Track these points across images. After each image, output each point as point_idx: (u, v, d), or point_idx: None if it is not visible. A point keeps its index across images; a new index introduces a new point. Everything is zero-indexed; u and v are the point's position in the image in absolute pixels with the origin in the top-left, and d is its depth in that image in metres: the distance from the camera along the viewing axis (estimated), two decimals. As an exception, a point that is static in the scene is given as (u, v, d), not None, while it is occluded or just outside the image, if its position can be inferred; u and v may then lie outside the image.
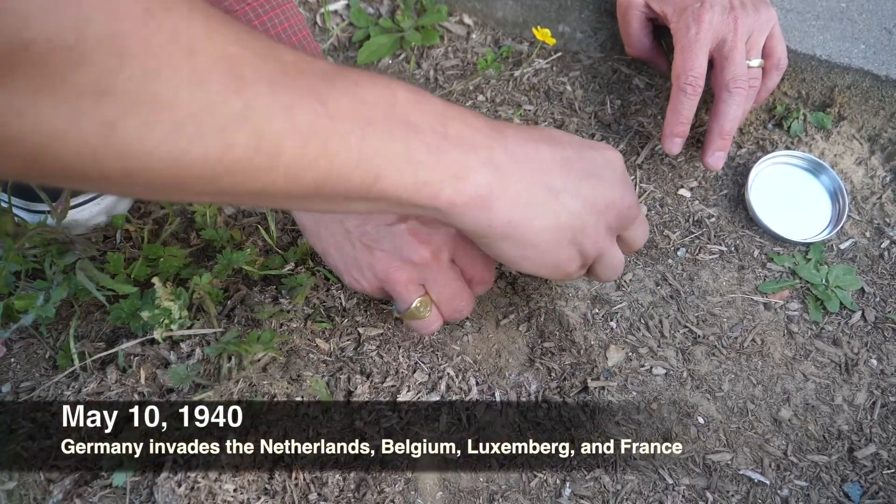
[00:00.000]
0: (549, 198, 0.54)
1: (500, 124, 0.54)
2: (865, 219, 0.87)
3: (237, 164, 0.40)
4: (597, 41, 0.99)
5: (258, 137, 0.40)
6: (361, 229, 0.66)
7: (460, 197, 0.49)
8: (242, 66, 0.40)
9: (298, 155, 0.42)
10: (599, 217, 0.58)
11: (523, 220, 0.53)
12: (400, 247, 0.65)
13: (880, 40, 0.89)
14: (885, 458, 0.72)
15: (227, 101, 0.39)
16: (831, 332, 0.79)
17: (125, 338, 0.77)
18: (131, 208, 0.86)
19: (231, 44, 0.39)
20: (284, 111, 0.40)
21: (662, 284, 0.82)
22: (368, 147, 0.44)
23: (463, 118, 0.51)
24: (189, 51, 0.37)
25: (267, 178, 0.42)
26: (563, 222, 0.55)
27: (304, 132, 0.41)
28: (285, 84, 0.41)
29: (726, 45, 0.79)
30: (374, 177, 0.45)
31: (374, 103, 0.45)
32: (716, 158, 0.84)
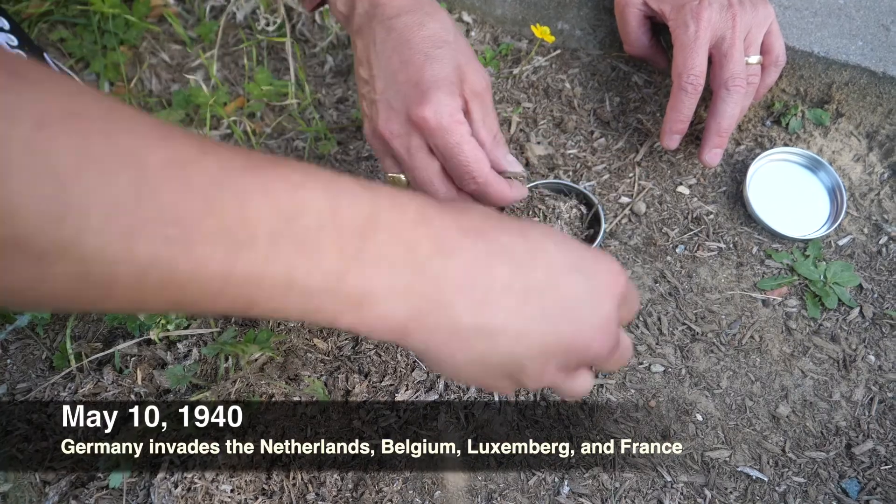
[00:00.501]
0: (479, 337, 0.45)
1: (466, 226, 0.45)
2: (863, 215, 0.86)
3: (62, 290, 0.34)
4: (596, 38, 0.99)
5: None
6: (362, 88, 0.68)
7: (363, 325, 0.42)
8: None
9: (134, 286, 0.35)
10: (549, 359, 0.48)
11: (441, 352, 0.45)
12: (375, 119, 0.66)
13: (878, 37, 0.89)
14: (883, 454, 0.72)
15: None
16: (829, 328, 0.79)
17: (122, 338, 0.77)
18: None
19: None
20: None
21: (661, 281, 0.82)
22: (236, 274, 0.37)
23: (396, 230, 0.42)
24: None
25: (108, 300, 0.37)
26: (493, 362, 0.46)
27: (145, 261, 0.34)
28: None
29: (725, 42, 0.79)
30: (245, 303, 0.39)
31: (258, 220, 0.37)
32: (713, 155, 0.84)
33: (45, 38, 1.01)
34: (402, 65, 0.64)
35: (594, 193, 0.87)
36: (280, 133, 0.94)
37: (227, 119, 0.92)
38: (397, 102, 0.64)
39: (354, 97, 0.97)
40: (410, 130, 0.65)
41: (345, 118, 0.95)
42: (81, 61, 1.00)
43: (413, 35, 0.65)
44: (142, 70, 0.99)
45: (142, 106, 0.96)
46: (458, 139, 0.64)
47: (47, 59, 0.88)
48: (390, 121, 0.65)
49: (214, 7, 1.07)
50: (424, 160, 0.66)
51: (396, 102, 0.65)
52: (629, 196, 0.87)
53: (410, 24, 0.66)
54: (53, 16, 1.02)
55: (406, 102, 0.64)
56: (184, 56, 1.02)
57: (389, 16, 0.66)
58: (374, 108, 0.66)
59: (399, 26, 0.65)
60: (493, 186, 0.67)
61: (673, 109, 0.82)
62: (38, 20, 1.02)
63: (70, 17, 1.02)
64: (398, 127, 0.65)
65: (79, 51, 0.99)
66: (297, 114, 0.95)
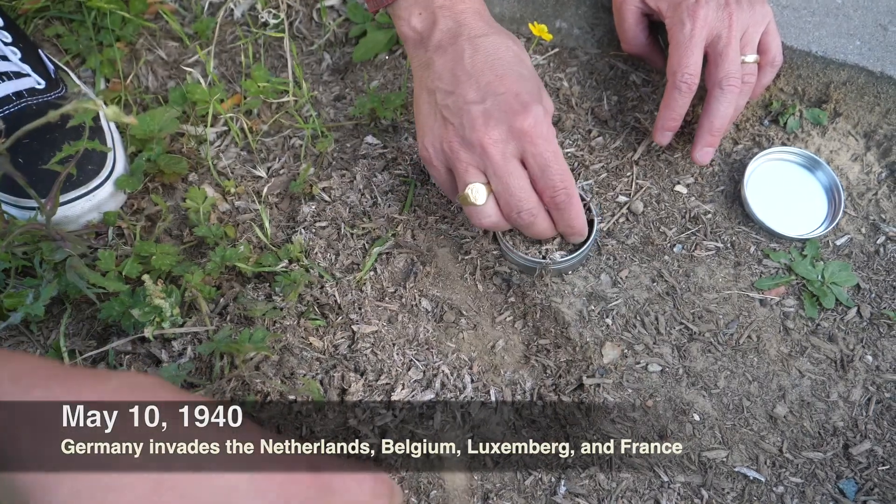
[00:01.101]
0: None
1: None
2: (861, 215, 0.86)
3: None
4: (594, 37, 0.99)
5: None
6: (444, 99, 0.70)
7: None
8: None
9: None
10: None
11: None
12: (467, 126, 0.68)
13: (875, 36, 0.89)
14: (881, 455, 0.72)
15: None
16: (827, 328, 0.79)
17: (116, 335, 0.76)
18: (124, 204, 0.86)
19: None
20: None
21: (658, 281, 0.81)
22: None
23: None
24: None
25: None
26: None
27: None
28: None
29: (721, 41, 0.79)
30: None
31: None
32: (704, 154, 0.84)
33: (41, 34, 1.01)
34: (497, 78, 0.69)
35: (591, 192, 0.87)
36: (277, 130, 0.94)
37: (223, 116, 0.92)
38: (497, 111, 0.68)
39: (351, 95, 0.97)
40: (509, 138, 0.68)
41: (342, 116, 0.95)
42: (77, 57, 0.99)
43: (502, 54, 0.71)
44: (138, 67, 0.98)
45: (138, 103, 0.96)
46: (556, 149, 0.69)
47: (42, 54, 0.88)
48: (490, 127, 0.67)
49: (212, 3, 1.06)
50: (518, 168, 0.69)
51: (496, 111, 0.68)
52: (627, 195, 0.87)
53: (498, 44, 0.72)
54: (49, 11, 1.02)
55: (507, 111, 0.68)
56: (180, 53, 1.01)
57: (476, 35, 0.72)
58: (464, 116, 0.69)
59: (487, 45, 0.71)
60: (576, 200, 0.72)
61: (666, 107, 0.82)
62: (34, 16, 1.01)
63: (66, 13, 1.01)
64: (498, 133, 0.68)
65: (75, 47, 0.98)
66: (295, 111, 0.94)
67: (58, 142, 0.79)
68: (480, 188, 0.70)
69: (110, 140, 0.85)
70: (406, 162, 0.88)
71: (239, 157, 0.91)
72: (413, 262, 0.82)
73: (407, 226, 0.84)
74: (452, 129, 0.69)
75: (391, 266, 0.81)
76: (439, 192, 0.86)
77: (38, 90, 0.82)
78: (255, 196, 0.87)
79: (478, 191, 0.70)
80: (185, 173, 0.87)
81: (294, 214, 0.85)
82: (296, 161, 0.91)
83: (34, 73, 0.83)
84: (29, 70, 0.83)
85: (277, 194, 0.88)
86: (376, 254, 0.81)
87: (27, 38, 0.89)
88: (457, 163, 0.70)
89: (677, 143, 0.90)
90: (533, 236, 0.77)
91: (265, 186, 0.88)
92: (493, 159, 0.68)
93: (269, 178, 0.89)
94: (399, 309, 0.78)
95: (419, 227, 0.84)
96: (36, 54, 0.87)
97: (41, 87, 0.83)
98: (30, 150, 0.78)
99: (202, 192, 0.83)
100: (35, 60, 0.85)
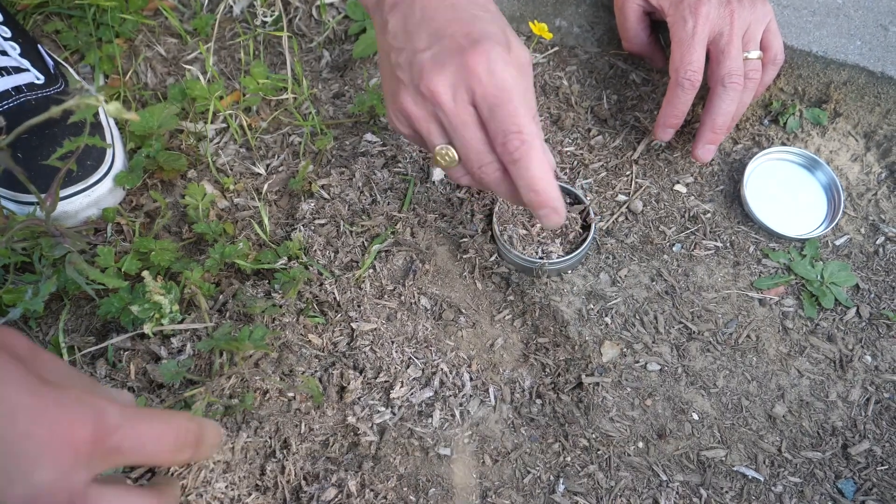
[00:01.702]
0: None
1: None
2: (861, 215, 0.86)
3: None
4: (594, 36, 0.98)
5: None
6: (397, 57, 0.63)
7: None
8: None
9: None
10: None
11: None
12: (416, 76, 0.61)
13: (876, 37, 0.89)
14: (879, 455, 0.72)
15: None
16: (826, 328, 0.79)
17: (115, 332, 0.76)
18: (123, 200, 0.86)
19: None
20: None
21: (658, 280, 0.81)
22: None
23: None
24: None
25: None
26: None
27: None
28: None
29: (723, 38, 0.79)
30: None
31: None
32: (706, 151, 0.83)
33: (40, 30, 1.00)
34: (447, 22, 0.62)
35: (591, 191, 0.87)
36: (276, 128, 0.94)
37: (223, 113, 0.91)
38: (445, 54, 0.60)
39: (351, 92, 0.97)
40: (459, 80, 0.60)
41: (341, 113, 0.95)
42: (76, 53, 0.99)
43: (456, 0, 0.63)
44: (137, 63, 0.98)
45: (137, 99, 0.96)
46: (512, 88, 0.60)
47: (41, 50, 0.88)
48: (437, 72, 0.60)
49: (211, 0, 1.06)
50: (474, 115, 0.61)
51: (444, 54, 0.60)
52: (626, 194, 0.87)
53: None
54: (49, 7, 1.01)
55: (455, 51, 0.60)
56: (179, 49, 1.01)
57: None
58: (413, 68, 0.62)
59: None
60: (536, 153, 0.61)
61: (669, 104, 0.82)
62: (34, 12, 1.01)
63: (65, 8, 1.01)
64: (446, 77, 0.60)
65: (74, 42, 0.98)
66: (294, 108, 0.94)
67: (57, 137, 0.79)
68: (450, 148, 0.63)
69: (109, 136, 0.85)
70: (405, 160, 0.88)
71: (238, 154, 0.91)
72: (412, 260, 0.82)
73: (406, 224, 0.84)
74: (404, 87, 0.63)
75: (390, 264, 0.81)
76: (438, 190, 0.86)
77: (37, 85, 0.82)
78: (254, 193, 0.87)
79: (447, 151, 0.63)
80: (184, 170, 0.87)
81: (293, 212, 0.85)
82: (295, 158, 0.90)
83: (33, 69, 0.83)
84: (28, 65, 0.83)
85: (276, 191, 0.88)
86: (375, 251, 0.81)
87: (27, 33, 0.89)
88: (416, 123, 0.64)
89: (677, 142, 0.90)
90: (509, 201, 0.69)
91: (264, 184, 0.88)
92: (445, 106, 0.60)
93: (269, 176, 0.89)
94: (398, 307, 0.78)
95: (418, 224, 0.84)
96: (35, 50, 0.87)
97: (40, 83, 0.83)
98: (29, 146, 0.78)
99: (201, 189, 0.82)
100: (34, 56, 0.85)
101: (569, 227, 0.82)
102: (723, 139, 0.85)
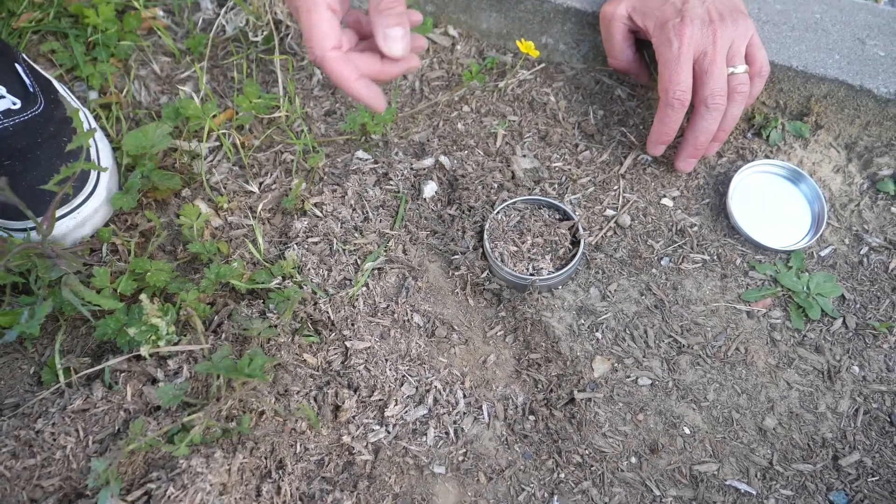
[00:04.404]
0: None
1: None
2: (844, 226, 0.88)
3: None
4: (580, 52, 1.00)
5: None
6: None
7: None
8: None
9: None
10: None
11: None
12: None
13: (854, 50, 0.91)
14: (869, 466, 0.73)
15: None
16: (813, 339, 0.80)
17: (111, 353, 0.76)
18: (117, 220, 0.86)
19: None
20: None
21: (647, 294, 0.83)
22: None
23: None
24: None
25: None
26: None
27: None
28: None
29: (706, 58, 0.80)
30: None
31: None
32: (687, 164, 0.88)
33: (36, 50, 1.01)
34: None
35: (580, 206, 0.88)
36: (269, 145, 0.94)
37: (216, 131, 0.92)
38: None
39: (342, 110, 0.98)
40: None
41: (333, 130, 0.95)
42: (71, 72, 1.00)
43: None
44: (131, 82, 0.99)
45: (130, 118, 0.96)
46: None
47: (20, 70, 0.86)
48: None
49: (204, 20, 1.07)
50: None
51: None
52: (614, 208, 0.88)
53: None
54: (43, 24, 1.01)
55: None
56: (173, 68, 1.02)
57: None
58: None
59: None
60: (331, 64, 0.62)
61: (660, 122, 0.83)
62: (28, 30, 1.02)
63: (61, 28, 1.01)
64: None
65: (69, 62, 0.99)
66: (287, 126, 0.95)
67: (41, 161, 0.79)
68: None
69: (95, 154, 0.85)
70: (397, 177, 0.89)
71: (231, 172, 0.92)
72: (405, 277, 0.82)
73: (398, 241, 0.84)
74: None
75: (383, 281, 0.82)
76: (430, 206, 0.87)
77: (13, 111, 0.81)
78: (247, 211, 0.88)
79: None
80: (178, 189, 0.87)
81: (286, 230, 0.86)
82: (287, 176, 0.91)
83: (9, 95, 0.82)
84: (4, 92, 0.82)
85: (270, 210, 0.88)
86: (369, 269, 0.82)
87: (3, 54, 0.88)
88: None
89: (663, 156, 0.92)
90: None
91: (258, 202, 0.88)
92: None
93: (262, 194, 0.89)
94: (391, 324, 0.79)
95: (410, 241, 0.85)
96: (11, 71, 0.85)
97: (17, 108, 0.82)
98: (13, 171, 0.78)
99: (196, 209, 0.83)
100: (11, 79, 0.84)
101: (558, 244, 0.83)
102: (704, 154, 0.87)
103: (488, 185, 0.88)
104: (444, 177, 0.90)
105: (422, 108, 0.97)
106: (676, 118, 0.82)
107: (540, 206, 0.86)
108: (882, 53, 0.91)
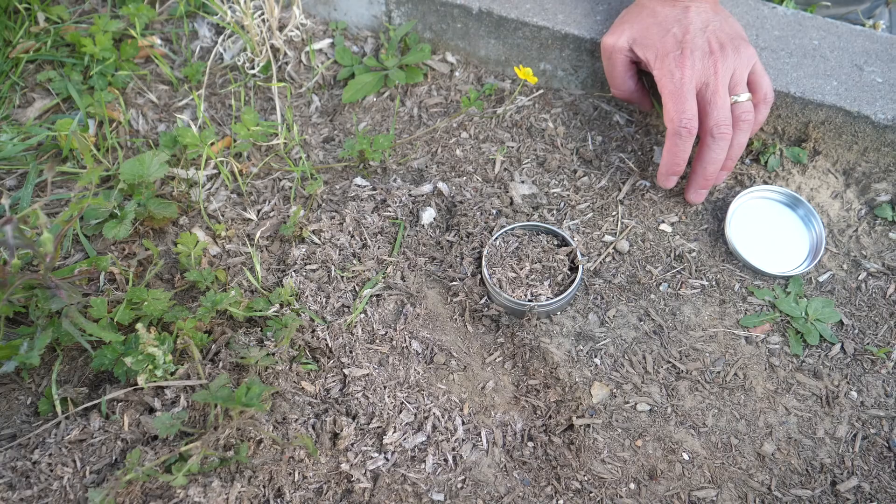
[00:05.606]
0: None
1: None
2: (842, 251, 0.88)
3: None
4: (578, 78, 1.01)
5: None
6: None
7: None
8: None
9: None
10: None
11: None
12: None
13: (852, 77, 0.91)
14: (868, 491, 0.73)
15: None
16: (812, 364, 0.80)
17: (108, 383, 0.76)
18: (114, 248, 0.86)
19: None
20: None
21: (645, 320, 0.82)
22: None
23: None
24: None
25: None
26: None
27: None
28: None
29: (709, 89, 0.81)
30: None
31: None
32: (698, 195, 0.88)
33: (33, 79, 1.02)
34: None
35: (578, 232, 0.88)
36: (267, 173, 0.95)
37: (214, 159, 0.92)
38: None
39: (340, 137, 0.98)
40: None
41: (331, 157, 0.96)
42: (67, 101, 1.00)
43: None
44: (127, 112, 0.99)
45: (128, 146, 0.97)
46: None
47: None
48: None
49: (202, 48, 1.07)
50: None
51: None
52: (613, 234, 0.88)
53: None
54: (40, 53, 1.02)
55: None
56: (171, 96, 1.02)
57: None
58: None
59: None
60: None
61: (669, 153, 0.84)
62: (25, 59, 1.02)
63: (58, 57, 1.02)
64: None
65: (65, 91, 0.99)
66: (285, 153, 0.95)
67: None
68: None
69: None
70: (395, 203, 0.89)
71: (229, 200, 0.92)
72: (403, 303, 0.83)
73: (396, 267, 0.85)
74: None
75: (381, 308, 0.82)
76: (428, 233, 0.87)
77: None
78: (245, 239, 0.88)
79: None
80: (175, 217, 0.88)
81: (284, 257, 0.86)
82: (285, 203, 0.91)
83: None
84: None
85: (268, 237, 0.89)
86: (367, 296, 0.82)
87: None
88: None
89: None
90: None
91: (256, 229, 0.89)
92: None
93: (260, 221, 0.90)
94: (389, 351, 0.79)
95: (408, 268, 0.85)
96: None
97: None
98: None
99: (193, 237, 0.83)
100: None
101: (557, 269, 0.83)
102: (714, 183, 0.88)
103: (486, 212, 0.88)
104: (443, 203, 0.90)
105: (420, 135, 0.98)
106: (685, 147, 0.82)
107: (538, 232, 0.86)
108: (880, 80, 0.91)
